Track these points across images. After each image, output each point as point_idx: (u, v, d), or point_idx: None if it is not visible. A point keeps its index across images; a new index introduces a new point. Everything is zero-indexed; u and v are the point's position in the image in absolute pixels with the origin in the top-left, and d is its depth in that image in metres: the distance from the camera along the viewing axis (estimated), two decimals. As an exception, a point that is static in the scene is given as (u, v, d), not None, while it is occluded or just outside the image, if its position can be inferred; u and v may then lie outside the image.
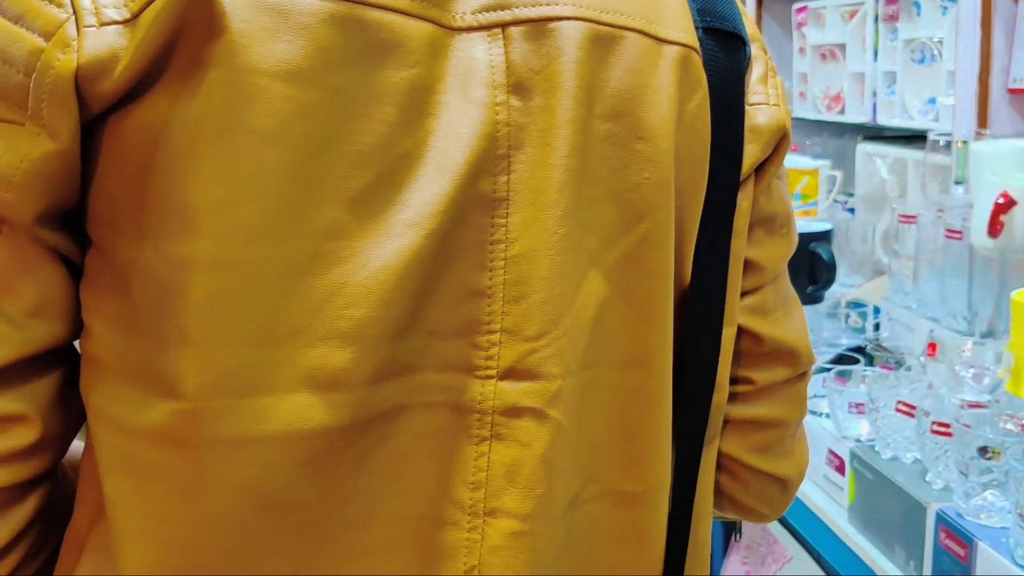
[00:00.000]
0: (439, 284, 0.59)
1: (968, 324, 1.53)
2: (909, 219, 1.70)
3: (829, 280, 1.85)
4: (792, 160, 2.43)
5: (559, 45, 0.61)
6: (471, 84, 0.59)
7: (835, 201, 2.33)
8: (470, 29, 0.60)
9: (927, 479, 1.22)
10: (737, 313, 0.74)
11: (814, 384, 1.49)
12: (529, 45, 0.61)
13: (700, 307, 0.70)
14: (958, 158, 1.70)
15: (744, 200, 0.72)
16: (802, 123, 2.62)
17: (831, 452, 1.41)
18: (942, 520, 1.13)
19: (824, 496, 1.44)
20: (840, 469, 1.39)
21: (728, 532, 1.97)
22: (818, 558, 1.71)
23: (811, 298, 1.86)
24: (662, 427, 0.67)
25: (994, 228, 1.42)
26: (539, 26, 0.61)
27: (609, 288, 0.63)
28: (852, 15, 2.28)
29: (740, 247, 0.72)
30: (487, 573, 0.61)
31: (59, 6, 0.52)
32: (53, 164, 0.53)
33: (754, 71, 0.73)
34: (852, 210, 2.32)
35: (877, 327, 1.79)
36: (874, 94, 2.20)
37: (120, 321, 0.56)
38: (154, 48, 0.52)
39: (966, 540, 1.09)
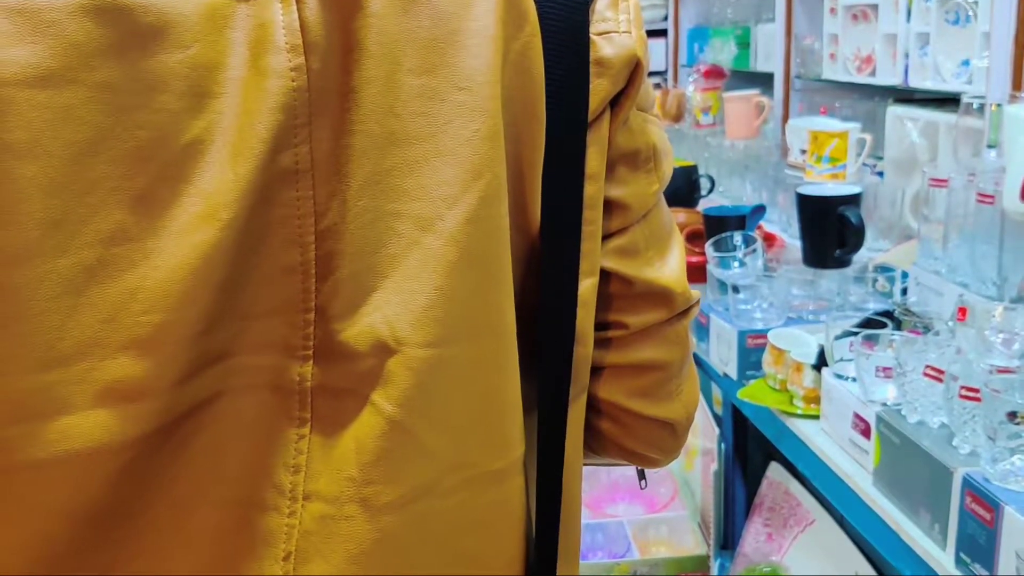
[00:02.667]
0: (251, 267, 0.56)
1: (998, 289, 1.52)
2: (940, 183, 1.68)
3: (857, 244, 1.84)
4: (821, 122, 2.40)
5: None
6: (264, 52, 0.55)
7: (864, 164, 2.31)
8: None
9: (954, 444, 1.22)
10: (599, 261, 0.69)
11: (841, 348, 1.49)
12: (324, 0, 0.57)
13: (553, 260, 0.66)
14: (991, 121, 1.67)
15: (597, 140, 0.67)
16: (832, 85, 2.59)
17: (857, 416, 1.41)
18: (968, 484, 1.13)
19: (849, 460, 1.43)
20: (866, 433, 1.38)
21: (751, 494, 1.97)
22: (841, 521, 1.71)
23: (839, 262, 1.85)
24: (516, 393, 0.64)
25: (1027, 192, 1.41)
26: None
27: (457, 254, 0.59)
28: (885, -25, 2.24)
29: (596, 191, 0.67)
30: (302, 560, 0.59)
31: None
32: None
33: None
34: (881, 174, 2.30)
35: (905, 292, 1.78)
36: (906, 56, 2.18)
37: None
38: None
39: (992, 504, 1.08)
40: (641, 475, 0.89)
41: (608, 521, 2.09)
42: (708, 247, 1.88)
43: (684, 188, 2.53)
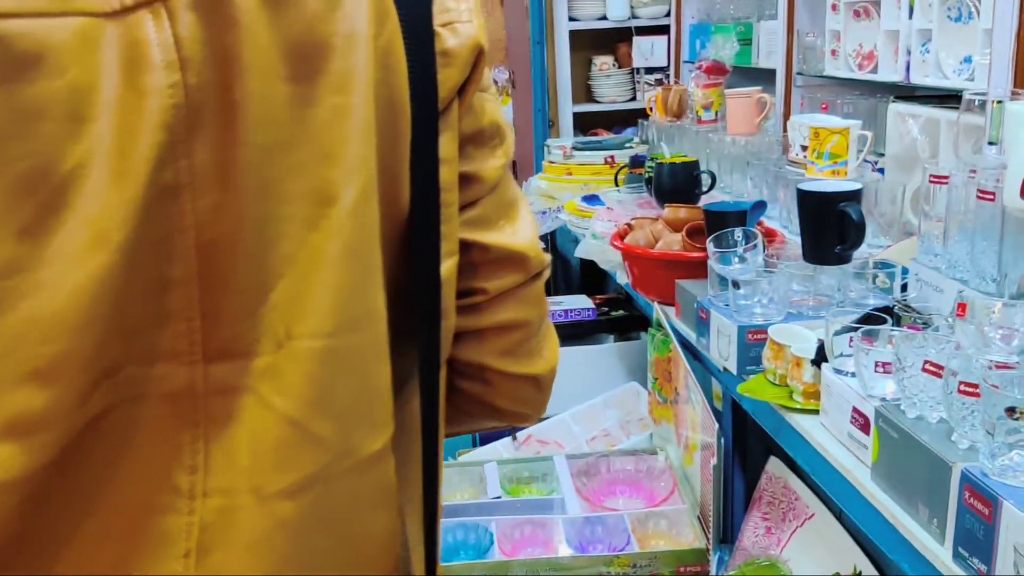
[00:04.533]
0: (138, 282, 0.57)
1: (997, 286, 1.52)
2: (941, 180, 1.68)
3: (858, 240, 1.84)
4: (822, 119, 2.41)
5: (229, 13, 0.58)
6: (139, 71, 0.56)
7: (865, 161, 2.32)
8: (127, 10, 0.55)
9: (952, 439, 1.22)
10: (457, 244, 0.74)
11: (841, 343, 1.49)
12: (196, 15, 0.57)
13: (418, 244, 0.70)
14: (992, 118, 1.68)
15: (448, 126, 0.70)
16: (833, 81, 2.59)
17: (856, 410, 1.42)
18: (967, 479, 1.14)
19: (847, 454, 1.44)
20: (864, 428, 1.39)
21: (750, 488, 1.98)
22: (839, 515, 1.72)
23: (839, 258, 1.85)
24: (388, 376, 0.68)
25: (1027, 189, 1.41)
26: None
27: (341, 249, 0.62)
28: (887, -28, 2.25)
29: (451, 174, 0.71)
30: (203, 553, 0.61)
31: None
32: None
33: None
34: (882, 170, 2.30)
35: (905, 288, 1.78)
36: (908, 52, 2.18)
37: None
38: None
39: (991, 499, 1.09)
40: (512, 434, 0.96)
41: (607, 514, 2.10)
42: (709, 243, 1.88)
43: (685, 184, 2.54)
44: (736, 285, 1.83)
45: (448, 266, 0.73)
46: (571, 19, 4.24)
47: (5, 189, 0.53)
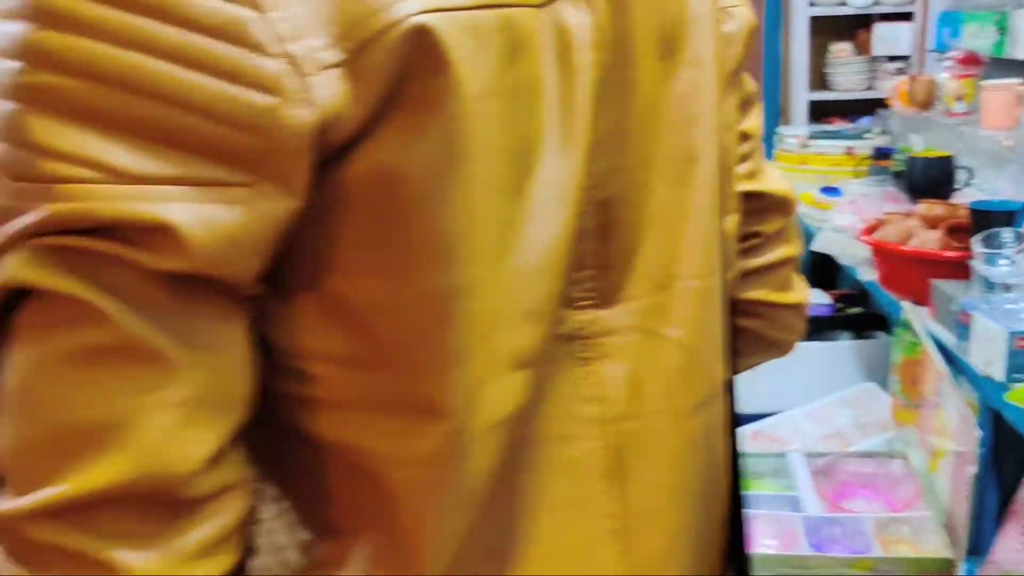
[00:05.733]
0: (572, 235, 0.65)
1: None
2: None
3: None
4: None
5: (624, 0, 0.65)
6: (569, 52, 0.62)
7: None
8: (549, 0, 0.61)
9: None
10: (737, 201, 0.82)
11: None
12: (606, 2, 0.64)
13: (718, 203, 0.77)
14: None
15: (733, 96, 0.80)
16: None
17: None
18: None
19: None
20: None
21: (1006, 499, 1.90)
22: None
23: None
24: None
25: None
26: None
27: (706, 202, 0.71)
28: None
29: (732, 140, 0.80)
30: (624, 473, 0.67)
31: (270, 56, 0.50)
32: (291, 221, 0.54)
33: None
34: None
35: None
36: None
37: (355, 359, 0.60)
38: (381, 90, 0.54)
39: None
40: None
41: (846, 516, 2.06)
42: (975, 242, 1.81)
43: (939, 179, 2.44)
44: (1005, 288, 1.76)
45: (731, 221, 0.80)
46: (811, 4, 4.13)
47: (503, 155, 0.59)
